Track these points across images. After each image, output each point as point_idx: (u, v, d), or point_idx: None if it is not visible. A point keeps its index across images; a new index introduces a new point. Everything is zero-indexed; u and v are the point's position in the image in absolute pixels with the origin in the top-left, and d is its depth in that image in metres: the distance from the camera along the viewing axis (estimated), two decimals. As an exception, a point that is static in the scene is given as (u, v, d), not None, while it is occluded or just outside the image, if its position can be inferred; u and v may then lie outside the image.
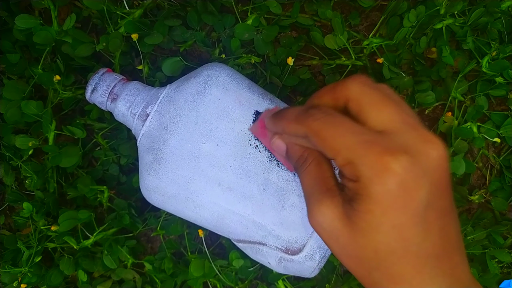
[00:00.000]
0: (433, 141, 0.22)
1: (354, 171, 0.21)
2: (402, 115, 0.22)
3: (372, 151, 0.21)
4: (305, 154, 0.26)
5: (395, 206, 0.21)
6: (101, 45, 0.43)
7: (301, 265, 0.35)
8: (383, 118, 0.22)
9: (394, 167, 0.20)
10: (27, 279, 0.46)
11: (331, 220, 0.23)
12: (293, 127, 0.25)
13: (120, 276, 0.49)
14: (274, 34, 0.45)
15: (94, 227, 0.46)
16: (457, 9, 0.46)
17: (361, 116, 0.23)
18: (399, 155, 0.20)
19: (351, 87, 0.24)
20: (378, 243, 0.22)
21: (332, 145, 0.22)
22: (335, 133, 0.22)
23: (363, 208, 0.21)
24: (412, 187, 0.21)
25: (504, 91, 0.48)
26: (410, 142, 0.21)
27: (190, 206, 0.36)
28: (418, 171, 0.21)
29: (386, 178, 0.20)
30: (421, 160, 0.21)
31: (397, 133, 0.22)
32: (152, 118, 0.36)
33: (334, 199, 0.23)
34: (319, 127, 0.23)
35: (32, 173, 0.45)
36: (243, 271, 0.46)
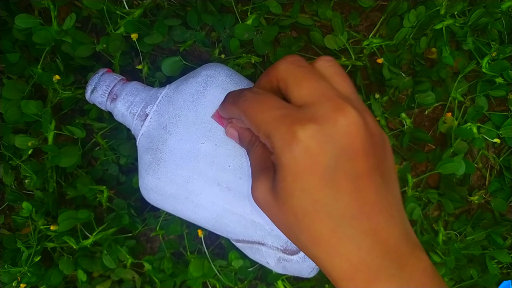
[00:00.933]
0: (343, 110, 0.23)
1: (270, 144, 0.23)
2: (321, 88, 0.24)
3: (284, 123, 0.23)
4: (253, 138, 0.27)
5: (303, 171, 0.22)
6: (101, 45, 0.43)
7: (300, 265, 0.35)
8: (302, 93, 0.24)
9: (299, 136, 0.22)
10: (27, 279, 0.46)
11: (264, 193, 0.25)
12: (231, 109, 0.27)
13: (119, 276, 0.49)
14: (274, 34, 0.45)
15: (94, 227, 0.46)
16: (457, 10, 0.46)
17: (287, 94, 0.25)
18: (306, 124, 0.22)
19: (279, 67, 0.25)
20: (294, 207, 0.23)
21: (256, 121, 0.24)
22: (258, 111, 0.24)
23: (279, 177, 0.23)
24: (317, 153, 0.22)
25: (504, 92, 0.48)
26: (321, 112, 0.23)
27: (189, 206, 0.36)
28: (324, 138, 0.22)
29: (293, 146, 0.22)
30: (328, 127, 0.22)
31: (312, 105, 0.23)
32: (151, 118, 0.36)
33: (267, 175, 0.25)
34: (247, 106, 0.25)
35: (31, 172, 0.45)
36: (242, 271, 0.46)
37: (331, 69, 0.26)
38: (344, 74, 0.26)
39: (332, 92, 0.24)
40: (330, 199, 0.23)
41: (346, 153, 0.23)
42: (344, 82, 0.26)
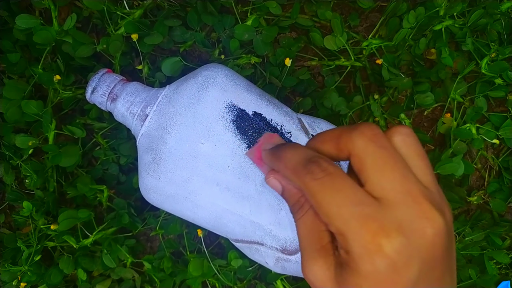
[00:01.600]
0: (431, 218, 0.21)
1: (345, 245, 0.21)
2: (405, 183, 0.22)
3: (366, 228, 0.20)
4: (301, 200, 0.25)
5: (384, 284, 0.21)
6: (101, 46, 0.43)
7: (298, 265, 0.35)
8: (383, 184, 0.22)
9: (386, 250, 0.20)
10: (27, 278, 0.46)
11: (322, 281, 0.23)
12: (290, 176, 0.24)
13: (119, 275, 0.49)
14: (273, 35, 0.45)
15: (94, 226, 0.46)
16: (457, 11, 0.46)
17: (361, 176, 0.22)
18: (393, 237, 0.20)
19: (356, 141, 0.22)
20: None
21: (327, 212, 0.21)
22: (331, 200, 0.21)
23: (352, 280, 0.21)
24: (401, 268, 0.20)
25: (503, 93, 0.48)
26: (407, 217, 0.21)
27: (189, 206, 0.36)
28: (410, 252, 0.20)
29: (376, 259, 0.20)
30: (415, 239, 0.21)
31: (395, 205, 0.21)
32: (151, 118, 0.36)
33: (327, 259, 0.23)
34: (316, 188, 0.22)
35: (32, 172, 0.45)
36: (241, 270, 0.46)
37: (411, 149, 0.23)
38: (424, 153, 0.23)
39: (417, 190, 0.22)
40: None
41: (429, 264, 0.21)
42: (426, 167, 0.23)
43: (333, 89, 0.47)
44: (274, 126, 0.36)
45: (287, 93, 0.48)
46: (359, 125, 0.23)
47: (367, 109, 0.48)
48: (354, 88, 0.50)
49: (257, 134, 0.35)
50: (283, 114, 0.37)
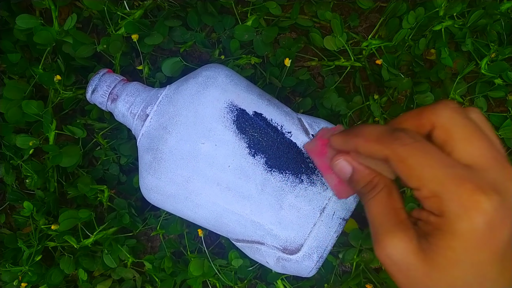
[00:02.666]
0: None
1: (439, 206, 0.21)
2: (492, 150, 0.22)
3: (463, 187, 0.20)
4: (375, 180, 0.25)
5: (479, 244, 0.21)
6: (101, 46, 0.43)
7: (299, 265, 0.35)
8: (472, 151, 0.22)
9: (485, 206, 0.20)
10: (28, 278, 0.46)
11: (404, 253, 0.22)
12: (373, 147, 0.23)
13: (120, 275, 0.49)
14: (273, 35, 0.45)
15: (94, 226, 0.47)
16: (456, 11, 0.46)
17: (447, 145, 0.22)
18: (492, 194, 0.20)
19: (440, 113, 0.23)
20: (455, 279, 0.21)
21: (419, 174, 0.21)
22: (424, 162, 0.21)
23: (443, 244, 0.21)
24: (498, 226, 0.20)
25: (503, 93, 0.48)
26: (499, 179, 0.21)
27: (189, 206, 0.36)
28: (505, 211, 0.20)
29: (475, 217, 0.20)
30: (509, 199, 0.21)
31: (487, 170, 0.21)
32: (151, 118, 0.36)
33: (407, 232, 0.22)
34: (407, 153, 0.22)
35: (32, 172, 0.46)
36: (242, 270, 0.46)
37: (486, 125, 0.24)
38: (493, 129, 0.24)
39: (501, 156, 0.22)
40: (496, 275, 0.21)
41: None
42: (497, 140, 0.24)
43: (333, 89, 0.47)
44: (274, 126, 0.36)
45: (287, 93, 0.49)
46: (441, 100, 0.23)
47: (366, 109, 0.48)
48: (354, 88, 0.50)
49: (257, 134, 0.35)
50: (283, 114, 0.37)
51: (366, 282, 0.46)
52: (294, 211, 0.34)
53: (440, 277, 0.22)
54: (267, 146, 0.35)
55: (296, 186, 0.35)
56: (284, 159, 0.35)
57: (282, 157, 0.35)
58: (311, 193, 0.35)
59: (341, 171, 0.26)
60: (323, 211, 0.34)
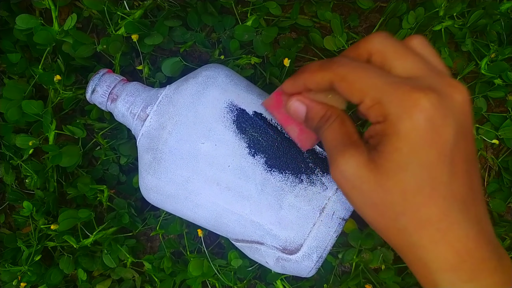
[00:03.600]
0: (458, 86, 0.22)
1: (382, 110, 0.21)
2: (426, 63, 0.23)
3: (401, 89, 0.21)
4: (328, 112, 0.26)
5: (424, 142, 0.21)
6: (101, 46, 0.43)
7: (299, 265, 0.35)
8: (408, 66, 0.22)
9: (423, 103, 0.20)
10: (27, 278, 0.46)
11: (356, 167, 0.23)
12: (317, 76, 0.24)
13: (119, 275, 0.49)
14: (273, 35, 0.45)
15: (94, 226, 0.47)
16: (456, 11, 0.46)
17: (385, 66, 0.23)
18: (429, 92, 0.21)
19: (373, 40, 0.24)
20: (405, 183, 0.21)
21: (360, 86, 0.22)
22: (363, 76, 0.22)
23: (390, 148, 0.21)
24: (440, 124, 0.21)
25: (503, 93, 0.48)
26: (436, 84, 0.21)
27: (189, 206, 0.36)
28: (445, 110, 0.21)
29: (415, 114, 0.20)
30: (448, 101, 0.21)
31: (424, 77, 0.22)
32: (151, 118, 0.36)
33: (358, 148, 0.23)
34: (346, 71, 0.23)
35: (32, 172, 0.46)
36: (241, 270, 0.46)
37: (428, 49, 0.24)
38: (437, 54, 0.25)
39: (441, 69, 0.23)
40: (446, 179, 0.21)
41: (462, 131, 0.21)
42: (441, 62, 0.24)
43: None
44: (274, 126, 0.36)
45: (287, 93, 0.49)
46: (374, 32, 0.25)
47: (367, 109, 0.48)
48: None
49: (257, 134, 0.35)
50: (283, 114, 0.37)
51: (366, 283, 0.46)
52: (293, 211, 0.34)
53: (392, 184, 0.22)
54: (267, 146, 0.35)
55: (295, 186, 0.35)
56: (284, 159, 0.35)
57: (282, 157, 0.35)
58: (310, 193, 0.35)
59: (296, 112, 0.27)
60: (322, 211, 0.34)
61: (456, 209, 0.21)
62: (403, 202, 0.22)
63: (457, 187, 0.21)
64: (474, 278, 0.21)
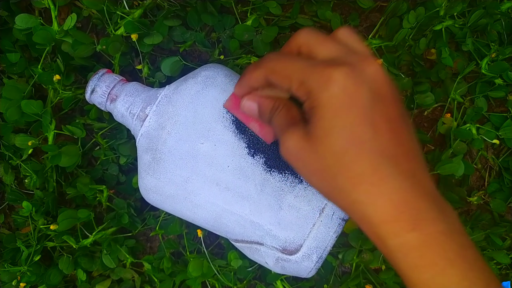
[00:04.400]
0: (368, 60, 0.25)
1: (306, 88, 0.25)
2: (345, 47, 0.26)
3: (319, 68, 0.24)
4: (276, 103, 0.28)
5: (342, 107, 0.24)
6: (101, 46, 0.43)
7: (298, 265, 0.35)
8: (327, 50, 0.26)
9: (336, 75, 0.24)
10: (26, 278, 0.46)
11: (296, 140, 0.26)
12: (254, 74, 0.28)
13: (119, 276, 0.49)
14: (273, 35, 0.45)
15: (93, 227, 0.46)
16: (457, 11, 0.46)
17: (311, 54, 0.27)
18: (339, 66, 0.24)
19: (300, 34, 0.27)
20: (333, 145, 0.24)
21: (286, 73, 0.26)
22: (288, 64, 0.26)
23: (316, 117, 0.24)
24: (354, 91, 0.24)
25: (503, 93, 0.48)
26: (349, 60, 0.25)
27: (188, 206, 0.36)
28: (357, 79, 0.24)
29: (330, 85, 0.24)
30: (359, 71, 0.24)
31: (340, 57, 0.25)
32: (150, 118, 0.36)
33: (298, 126, 0.26)
34: (273, 63, 0.27)
35: (31, 172, 0.45)
36: (241, 271, 0.46)
37: (351, 37, 0.27)
38: (363, 42, 0.28)
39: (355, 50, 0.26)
40: (369, 136, 0.24)
41: (378, 96, 0.24)
42: (363, 46, 0.27)
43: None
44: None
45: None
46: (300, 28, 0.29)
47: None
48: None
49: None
50: (283, 114, 0.37)
51: (366, 283, 0.46)
52: (293, 212, 0.34)
53: (323, 149, 0.24)
54: (266, 146, 0.35)
55: (295, 186, 0.35)
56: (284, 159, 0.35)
57: (282, 157, 0.35)
58: (310, 193, 0.35)
59: (250, 110, 0.30)
60: (322, 211, 0.34)
61: (386, 163, 0.23)
62: (336, 164, 0.24)
63: (383, 143, 0.24)
64: (416, 227, 0.23)
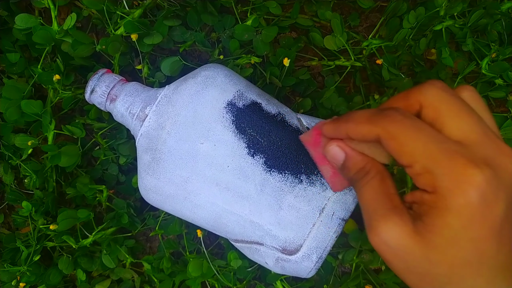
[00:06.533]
0: (508, 154, 0.22)
1: (432, 181, 0.21)
2: (482, 125, 0.22)
3: (456, 162, 0.20)
4: (368, 166, 0.25)
5: (475, 219, 0.20)
6: (100, 46, 0.43)
7: (298, 265, 0.35)
8: (462, 127, 0.22)
9: (477, 180, 0.20)
10: (26, 278, 0.46)
11: (400, 237, 0.22)
12: (364, 128, 0.23)
13: (118, 276, 0.49)
14: (273, 35, 0.45)
15: (93, 227, 0.46)
16: (457, 11, 0.46)
17: (437, 123, 0.22)
18: (484, 168, 0.20)
19: (427, 92, 0.23)
20: (454, 258, 0.21)
21: (411, 150, 0.21)
22: (415, 138, 0.21)
23: (440, 222, 0.21)
24: (492, 200, 0.20)
25: (504, 93, 0.48)
26: (490, 154, 0.21)
27: (188, 206, 0.36)
28: (498, 184, 0.20)
29: (469, 190, 0.20)
30: (501, 173, 0.21)
31: (477, 144, 0.21)
32: (150, 118, 0.36)
33: (402, 216, 0.22)
34: (397, 129, 0.22)
35: (31, 172, 0.45)
36: (241, 271, 0.46)
37: (479, 103, 0.24)
38: (488, 108, 0.24)
39: (491, 132, 0.22)
40: (494, 251, 0.21)
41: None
42: (492, 119, 0.24)
43: (333, 89, 0.47)
44: (273, 126, 0.35)
45: (286, 93, 0.48)
46: (428, 81, 0.23)
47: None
48: (354, 88, 0.50)
49: (257, 134, 0.35)
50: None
51: (366, 283, 0.46)
52: (293, 212, 0.34)
53: (439, 258, 0.21)
54: (266, 146, 0.35)
55: (295, 186, 0.34)
56: (284, 159, 0.35)
57: (282, 157, 0.35)
58: (310, 193, 0.34)
59: (334, 158, 0.26)
60: (322, 211, 0.34)
61: (500, 276, 0.22)
62: (450, 274, 0.22)
63: (503, 256, 0.21)
64: None
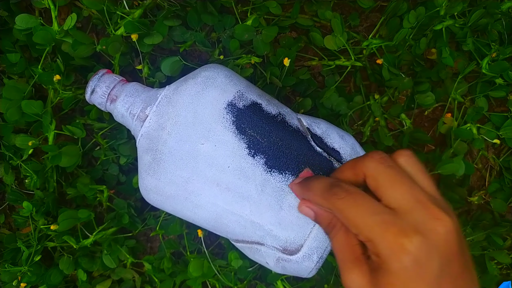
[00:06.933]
0: (441, 218, 0.25)
1: (374, 249, 0.25)
2: (413, 193, 0.26)
3: (389, 232, 0.24)
4: (333, 221, 0.29)
5: (413, 279, 0.24)
6: (100, 46, 0.43)
7: (299, 265, 0.35)
8: (396, 196, 0.26)
9: (408, 247, 0.24)
10: (27, 278, 0.46)
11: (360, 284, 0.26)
12: (319, 201, 0.28)
13: (119, 276, 0.49)
14: (273, 35, 0.45)
15: (94, 227, 0.46)
16: (457, 10, 0.46)
17: (377, 192, 0.26)
18: (412, 236, 0.24)
19: (368, 165, 0.27)
20: None
21: (354, 223, 0.25)
22: (356, 213, 0.25)
23: (385, 280, 0.25)
24: (424, 262, 0.24)
25: (504, 93, 0.48)
26: (421, 220, 0.24)
27: (189, 206, 0.36)
28: (429, 248, 0.24)
29: (402, 257, 0.24)
30: (431, 237, 0.24)
31: (409, 212, 0.25)
32: (150, 119, 0.36)
33: (362, 268, 0.26)
34: (342, 206, 0.26)
35: (32, 172, 0.45)
36: (242, 271, 0.46)
37: (414, 167, 0.28)
38: (424, 169, 0.28)
39: (424, 198, 0.25)
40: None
41: (447, 258, 0.24)
42: (428, 180, 0.27)
43: (333, 89, 0.47)
44: (274, 126, 0.35)
45: (287, 93, 0.48)
46: (368, 153, 0.28)
47: (367, 109, 0.48)
48: (355, 88, 0.50)
49: (257, 134, 0.35)
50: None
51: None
52: (294, 212, 0.34)
53: None
54: (266, 146, 0.35)
55: (296, 186, 0.34)
56: (284, 160, 0.35)
57: (282, 158, 0.35)
58: (311, 193, 0.34)
59: (307, 214, 0.31)
60: (323, 211, 0.34)
61: None
62: None
63: None
64: None
